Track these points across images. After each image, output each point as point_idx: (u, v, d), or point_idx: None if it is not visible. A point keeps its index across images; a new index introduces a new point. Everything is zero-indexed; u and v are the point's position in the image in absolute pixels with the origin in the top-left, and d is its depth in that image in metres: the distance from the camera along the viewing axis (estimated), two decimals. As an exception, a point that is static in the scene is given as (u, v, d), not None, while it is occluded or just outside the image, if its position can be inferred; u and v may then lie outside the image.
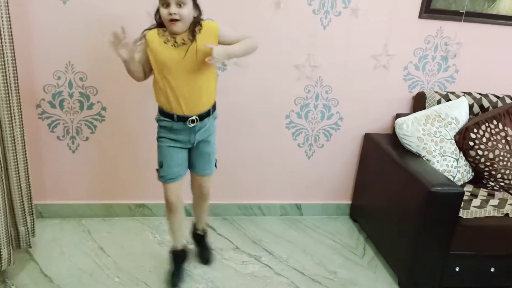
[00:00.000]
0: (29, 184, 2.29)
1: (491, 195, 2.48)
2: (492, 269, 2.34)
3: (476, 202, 2.36)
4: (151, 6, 2.35)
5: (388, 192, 2.56)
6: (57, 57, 2.42)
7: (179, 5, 1.86)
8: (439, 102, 2.70)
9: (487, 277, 2.35)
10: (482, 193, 2.51)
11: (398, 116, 2.73)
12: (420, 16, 2.66)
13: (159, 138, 2.10)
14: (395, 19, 2.64)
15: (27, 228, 2.30)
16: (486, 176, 2.58)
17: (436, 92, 2.74)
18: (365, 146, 2.89)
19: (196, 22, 1.94)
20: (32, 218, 2.35)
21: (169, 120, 2.03)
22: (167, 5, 1.86)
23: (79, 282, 2.23)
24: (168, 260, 2.32)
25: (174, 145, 2.08)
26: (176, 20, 1.86)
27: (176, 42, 1.93)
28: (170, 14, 1.85)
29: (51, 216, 2.72)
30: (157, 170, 2.14)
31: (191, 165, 2.19)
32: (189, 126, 2.01)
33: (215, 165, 2.23)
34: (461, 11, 2.67)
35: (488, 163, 2.54)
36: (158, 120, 2.09)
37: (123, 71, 2.48)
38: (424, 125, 2.50)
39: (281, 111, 2.76)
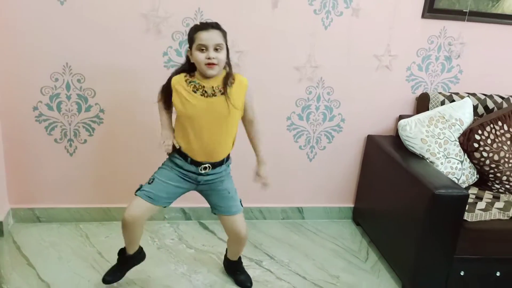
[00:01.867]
0: None
1: (496, 198, 2.46)
2: (498, 273, 2.32)
3: (481, 205, 2.35)
4: (147, 8, 2.38)
5: (391, 195, 2.54)
6: (54, 59, 2.42)
7: (216, 49, 1.86)
8: (442, 103, 2.69)
9: (492, 281, 2.34)
10: (487, 195, 2.49)
11: (401, 117, 2.71)
12: (423, 16, 2.66)
13: (166, 165, 2.07)
14: (398, 19, 2.64)
15: None
16: (491, 179, 2.57)
17: (439, 93, 2.74)
18: (367, 148, 2.88)
19: (229, 74, 1.95)
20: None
21: (182, 159, 2.01)
22: (204, 49, 1.85)
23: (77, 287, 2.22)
24: (117, 258, 2.24)
25: (176, 174, 2.03)
26: (214, 64, 1.85)
27: (205, 91, 1.91)
28: (209, 58, 1.84)
29: (48, 220, 2.71)
30: (140, 185, 2.06)
31: (214, 209, 2.14)
32: (200, 172, 2.00)
33: (241, 204, 2.15)
34: (464, 10, 2.66)
35: (493, 165, 2.53)
36: (170, 155, 2.07)
37: (121, 72, 2.50)
38: (428, 126, 2.49)
39: (282, 113, 2.76)
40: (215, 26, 1.88)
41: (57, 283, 2.23)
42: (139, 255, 2.24)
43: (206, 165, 2.00)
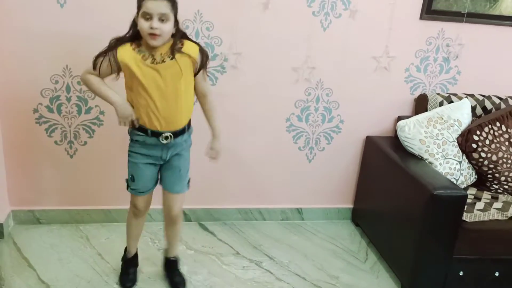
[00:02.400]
0: None
1: (494, 198, 2.47)
2: (497, 274, 2.33)
3: (479, 205, 2.36)
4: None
5: (390, 196, 2.55)
6: (54, 61, 2.43)
7: (162, 20, 1.81)
8: (441, 104, 2.70)
9: (491, 281, 2.35)
10: (486, 196, 2.50)
11: (399, 118, 2.72)
12: (421, 17, 2.67)
13: (130, 152, 2.05)
14: (396, 21, 2.65)
15: None
16: (489, 179, 2.58)
17: (438, 94, 2.75)
18: (366, 149, 2.89)
19: (175, 40, 1.90)
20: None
21: (143, 134, 1.98)
22: (149, 18, 1.80)
23: (77, 289, 2.23)
24: (121, 267, 2.32)
25: (146, 161, 2.03)
26: (156, 35, 1.81)
27: (154, 59, 1.88)
28: (152, 28, 1.80)
29: (48, 222, 2.72)
30: (127, 180, 2.11)
31: (161, 181, 2.14)
32: (162, 142, 1.97)
33: (188, 185, 2.16)
34: (462, 12, 2.68)
35: (491, 166, 2.54)
36: (130, 133, 2.05)
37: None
38: (426, 127, 2.51)
39: (281, 114, 2.77)
40: None
41: (57, 285, 2.24)
42: (136, 258, 2.35)
43: (167, 134, 1.97)
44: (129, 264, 2.31)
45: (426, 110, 2.70)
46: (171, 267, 2.34)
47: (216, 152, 2.14)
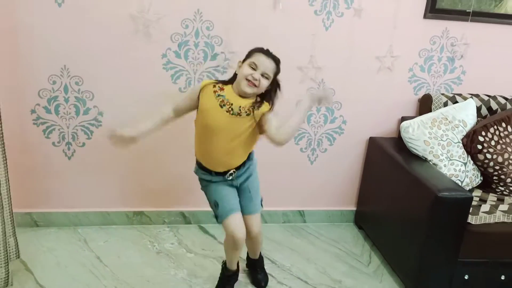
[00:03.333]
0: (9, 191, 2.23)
1: (500, 200, 2.47)
2: (503, 277, 2.33)
3: (485, 207, 2.35)
4: (145, 10, 2.38)
5: (394, 198, 2.55)
6: (52, 61, 2.43)
7: (263, 75, 1.94)
8: (445, 104, 2.69)
9: (497, 285, 2.34)
10: (491, 198, 2.50)
11: (403, 119, 2.72)
12: (425, 16, 2.67)
13: (203, 186, 2.15)
14: (400, 20, 2.64)
15: (15, 238, 2.27)
16: (495, 181, 2.58)
17: (442, 94, 2.74)
18: (369, 151, 2.88)
19: (261, 100, 2.00)
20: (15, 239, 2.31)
21: (208, 174, 2.09)
22: (254, 68, 1.93)
23: (75, 293, 2.23)
24: (220, 277, 2.31)
25: (220, 186, 2.10)
26: (254, 84, 1.92)
27: (232, 109, 1.95)
28: (252, 76, 1.91)
29: (46, 224, 2.72)
30: (215, 217, 2.12)
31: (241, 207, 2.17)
32: (228, 179, 2.07)
33: (261, 204, 2.20)
34: (467, 10, 2.67)
35: (497, 167, 2.53)
36: (196, 173, 2.16)
37: (120, 75, 2.50)
38: (431, 128, 2.50)
39: (282, 115, 2.73)
40: (276, 59, 1.99)
41: (55, 289, 2.24)
42: (237, 274, 2.34)
43: (231, 171, 2.07)
44: (227, 279, 2.29)
45: (430, 111, 2.70)
46: (254, 265, 2.41)
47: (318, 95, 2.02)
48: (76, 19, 2.37)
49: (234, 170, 2.07)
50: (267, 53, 1.97)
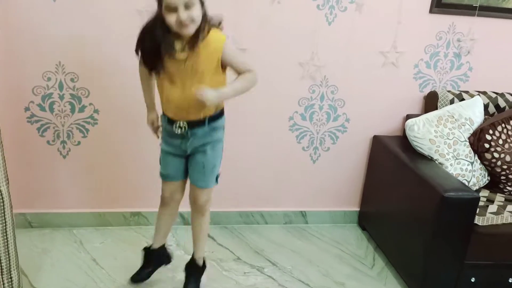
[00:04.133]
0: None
1: (508, 201, 2.46)
2: (510, 280, 2.32)
3: (492, 208, 2.34)
4: (142, 4, 2.37)
5: (398, 198, 2.54)
6: (46, 57, 2.41)
7: (187, 7, 1.77)
8: (452, 102, 2.68)
9: (505, 288, 2.34)
10: (499, 198, 2.49)
11: (408, 117, 2.71)
12: (431, 11, 2.65)
13: (162, 138, 2.14)
14: (405, 14, 2.63)
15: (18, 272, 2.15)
16: (503, 181, 2.57)
17: (448, 91, 2.73)
18: (373, 149, 2.88)
19: (199, 30, 1.84)
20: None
21: (165, 118, 2.04)
22: (174, 9, 1.76)
23: (70, 296, 2.22)
24: (142, 255, 2.30)
25: (169, 151, 2.09)
26: (188, 24, 1.79)
27: (182, 49, 1.87)
28: (181, 19, 1.76)
29: (40, 225, 2.71)
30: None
31: (188, 174, 2.17)
32: (175, 131, 1.99)
33: (216, 180, 2.14)
34: (474, 5, 2.66)
35: (505, 167, 2.52)
36: (161, 117, 2.12)
37: (116, 71, 2.49)
38: (437, 126, 2.48)
39: (284, 113, 2.76)
40: None
41: (49, 291, 2.23)
42: (163, 253, 2.33)
43: (180, 123, 1.97)
44: (148, 257, 2.29)
45: (436, 108, 2.69)
46: (188, 270, 2.30)
47: (204, 91, 1.82)
48: (71, 15, 2.36)
49: (185, 125, 1.97)
50: None
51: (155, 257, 2.31)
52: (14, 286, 2.04)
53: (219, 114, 2.06)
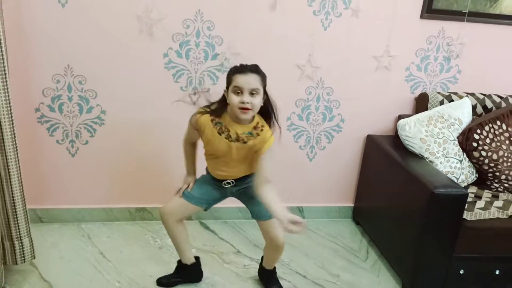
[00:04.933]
0: (23, 191, 2.22)
1: (495, 197, 2.49)
2: (497, 272, 2.35)
3: (480, 203, 2.37)
4: (147, 10, 2.40)
5: (390, 194, 2.56)
6: (56, 61, 2.44)
7: (252, 94, 1.84)
8: (441, 103, 2.71)
9: (492, 279, 2.36)
10: (486, 194, 2.51)
11: (400, 117, 2.73)
12: (421, 17, 2.68)
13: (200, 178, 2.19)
14: (397, 20, 2.66)
15: (30, 238, 2.26)
16: (490, 178, 2.60)
17: (438, 93, 2.76)
18: (367, 148, 2.90)
19: (257, 126, 1.95)
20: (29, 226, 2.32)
21: (209, 176, 2.13)
22: (240, 92, 1.84)
23: (79, 287, 2.24)
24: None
25: (209, 184, 2.13)
26: (248, 109, 1.84)
27: (230, 136, 1.93)
28: (243, 102, 1.83)
29: (50, 220, 2.74)
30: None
31: (251, 214, 2.19)
32: (224, 186, 2.08)
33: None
34: (463, 11, 2.68)
35: (492, 164, 2.55)
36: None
37: (122, 74, 2.52)
38: (427, 126, 2.52)
39: (282, 113, 2.73)
40: (254, 69, 1.87)
41: (59, 283, 2.25)
42: (194, 269, 2.30)
43: (229, 181, 2.07)
44: (179, 269, 2.31)
45: (427, 109, 2.71)
46: (269, 276, 2.35)
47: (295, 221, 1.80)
48: (79, 20, 2.39)
49: (232, 180, 2.07)
50: (243, 69, 1.86)
51: (187, 272, 2.30)
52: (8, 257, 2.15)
53: None
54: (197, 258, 2.31)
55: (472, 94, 2.76)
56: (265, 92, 1.92)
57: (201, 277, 2.35)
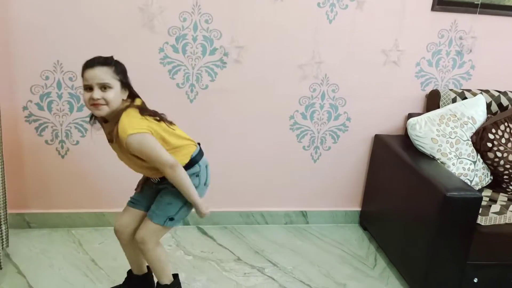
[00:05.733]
0: (4, 191, 2.21)
1: (511, 200, 2.45)
2: (514, 280, 2.33)
3: (495, 207, 2.34)
4: (142, 2, 2.38)
5: (400, 198, 2.54)
6: (44, 56, 2.42)
7: (102, 88, 1.76)
8: (454, 100, 2.69)
9: (508, 288, 2.34)
10: (502, 198, 2.49)
11: (410, 116, 2.72)
12: (432, 9, 2.66)
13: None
14: (406, 12, 2.64)
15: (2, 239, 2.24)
16: (506, 180, 2.57)
17: (451, 89, 2.74)
18: (375, 149, 2.88)
19: (117, 121, 1.79)
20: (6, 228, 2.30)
21: None
22: (90, 88, 1.76)
23: (69, 297, 2.23)
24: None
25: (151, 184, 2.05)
26: (99, 104, 1.75)
27: (109, 139, 1.90)
28: (93, 99, 1.74)
29: (39, 226, 2.72)
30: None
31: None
32: (154, 182, 2.01)
33: (164, 221, 1.94)
34: (476, 2, 2.66)
35: (508, 166, 2.52)
36: None
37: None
38: (439, 125, 2.49)
39: (284, 112, 2.76)
40: (102, 62, 1.79)
41: (48, 292, 2.23)
42: (146, 279, 2.20)
43: (155, 180, 1.99)
44: (129, 280, 2.20)
45: (438, 107, 2.69)
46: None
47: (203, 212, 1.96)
48: (69, 12, 2.36)
49: (158, 180, 1.97)
50: (91, 63, 1.78)
51: (139, 282, 2.20)
52: None
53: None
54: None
55: (487, 91, 2.74)
56: (126, 85, 1.85)
57: None
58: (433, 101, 2.74)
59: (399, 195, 2.55)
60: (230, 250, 2.69)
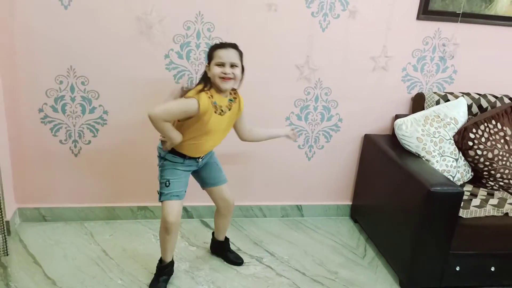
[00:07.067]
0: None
1: (490, 195, 2.47)
2: (493, 268, 2.33)
3: (475, 201, 2.36)
4: (149, 12, 2.38)
5: (388, 193, 2.55)
6: (59, 62, 2.42)
7: (232, 66, 2.00)
8: (437, 102, 2.69)
9: (487, 276, 2.35)
10: (482, 192, 2.50)
11: (397, 117, 2.72)
12: (418, 18, 2.66)
13: (163, 165, 2.14)
14: (394, 21, 2.64)
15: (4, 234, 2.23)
16: (485, 176, 2.58)
17: (434, 92, 2.74)
18: (364, 147, 2.88)
19: (235, 92, 2.14)
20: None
21: (180, 158, 2.12)
22: (222, 65, 1.99)
23: (82, 285, 2.22)
24: (155, 271, 2.27)
25: (183, 169, 2.15)
26: (229, 78, 1.99)
27: (222, 110, 2.05)
28: (225, 73, 1.98)
29: (54, 219, 2.72)
30: (159, 192, 2.14)
31: (205, 183, 2.30)
32: (198, 162, 2.18)
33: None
34: (458, 12, 2.66)
35: (487, 163, 2.53)
36: (164, 156, 2.13)
37: (124, 74, 2.50)
38: (423, 125, 2.50)
39: (281, 113, 2.76)
40: (234, 46, 2.04)
41: (63, 280, 2.23)
42: (172, 265, 2.31)
43: (202, 156, 2.19)
44: (162, 272, 2.25)
45: (423, 109, 2.69)
46: (224, 247, 2.51)
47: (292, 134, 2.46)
48: (82, 21, 2.37)
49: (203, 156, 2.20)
50: (225, 45, 2.03)
51: (169, 269, 2.28)
52: None
53: None
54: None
55: (468, 94, 2.75)
56: (243, 69, 2.07)
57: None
58: (418, 103, 2.75)
59: (387, 190, 2.55)
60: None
